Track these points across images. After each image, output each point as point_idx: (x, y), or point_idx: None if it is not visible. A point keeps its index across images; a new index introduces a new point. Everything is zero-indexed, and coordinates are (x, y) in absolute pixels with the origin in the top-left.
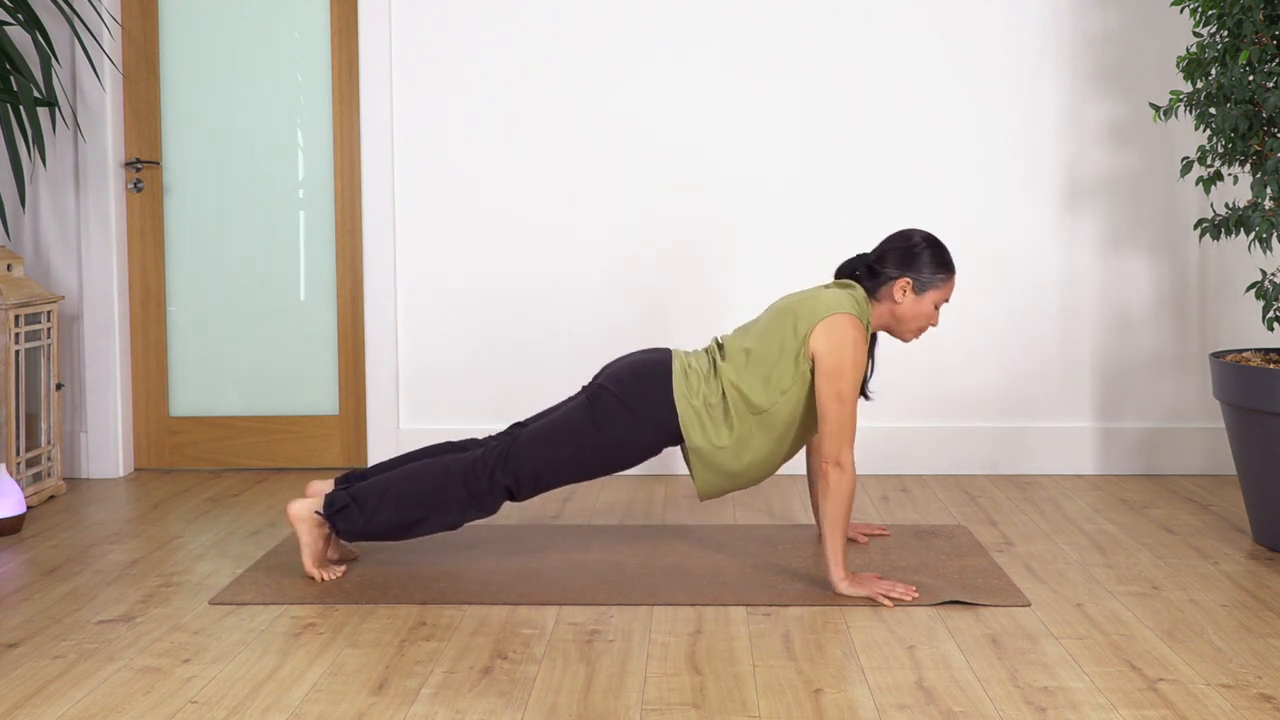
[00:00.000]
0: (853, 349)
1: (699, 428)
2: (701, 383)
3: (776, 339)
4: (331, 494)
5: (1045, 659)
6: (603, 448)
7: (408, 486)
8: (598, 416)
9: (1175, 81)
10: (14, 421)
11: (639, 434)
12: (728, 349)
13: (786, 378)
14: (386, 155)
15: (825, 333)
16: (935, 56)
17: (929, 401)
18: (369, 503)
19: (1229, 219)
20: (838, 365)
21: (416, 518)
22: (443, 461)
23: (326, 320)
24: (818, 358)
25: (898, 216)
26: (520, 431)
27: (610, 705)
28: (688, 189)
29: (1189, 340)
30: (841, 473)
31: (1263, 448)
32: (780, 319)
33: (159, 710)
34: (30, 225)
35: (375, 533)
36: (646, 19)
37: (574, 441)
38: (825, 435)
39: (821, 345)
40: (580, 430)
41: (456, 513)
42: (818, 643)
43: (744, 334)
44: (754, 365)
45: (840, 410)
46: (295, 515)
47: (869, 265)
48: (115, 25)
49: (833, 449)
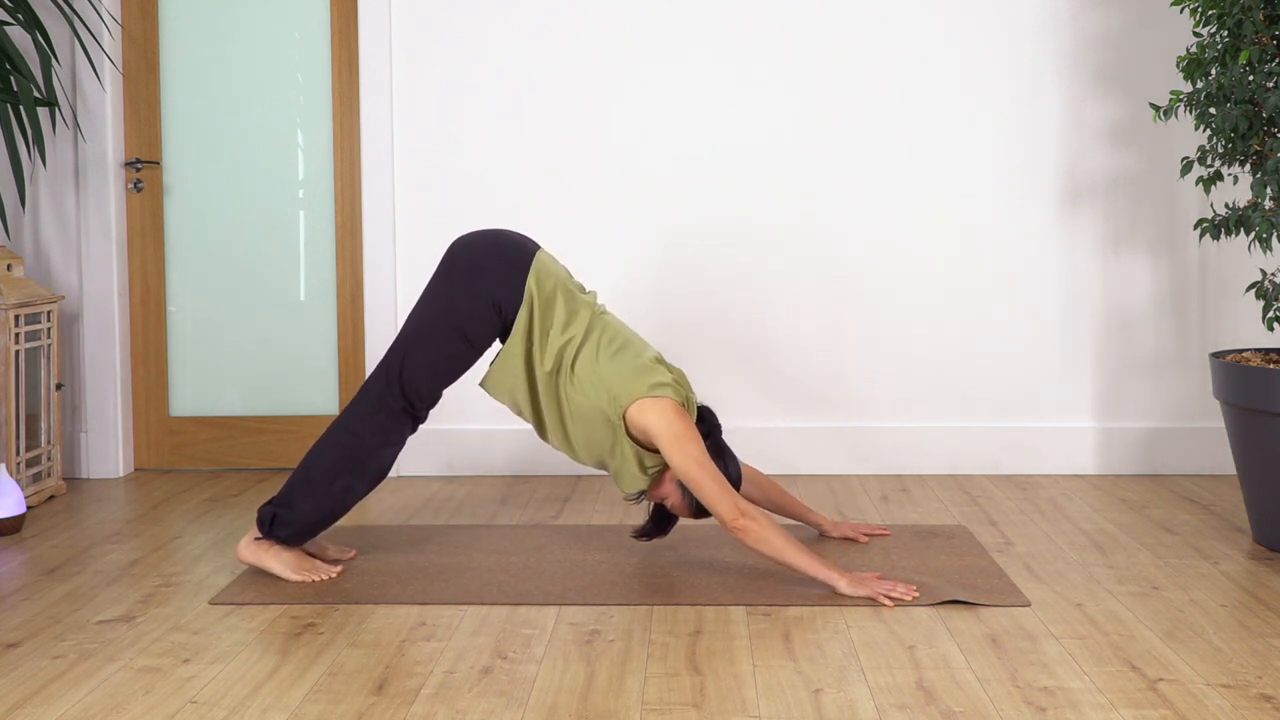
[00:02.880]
0: (683, 419)
1: (526, 322)
2: (559, 302)
3: (610, 378)
4: (259, 514)
5: (1045, 659)
6: (453, 332)
7: (318, 465)
8: (440, 297)
9: (1175, 81)
10: (14, 421)
11: (480, 308)
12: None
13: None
14: (386, 155)
15: (653, 407)
16: (935, 56)
17: (929, 401)
18: (293, 500)
19: (1229, 219)
20: (679, 431)
21: (342, 487)
22: (335, 425)
23: (326, 320)
24: (652, 430)
25: (898, 216)
26: (391, 349)
27: (610, 705)
28: (688, 189)
29: (1189, 340)
30: (752, 520)
31: (1263, 448)
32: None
33: (159, 710)
34: (30, 225)
35: (314, 522)
36: (647, 19)
37: (428, 336)
38: (713, 502)
39: (652, 420)
40: (429, 323)
41: (374, 458)
42: (818, 643)
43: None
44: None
45: (704, 473)
46: (245, 555)
47: (714, 432)
48: (115, 25)
49: (728, 509)
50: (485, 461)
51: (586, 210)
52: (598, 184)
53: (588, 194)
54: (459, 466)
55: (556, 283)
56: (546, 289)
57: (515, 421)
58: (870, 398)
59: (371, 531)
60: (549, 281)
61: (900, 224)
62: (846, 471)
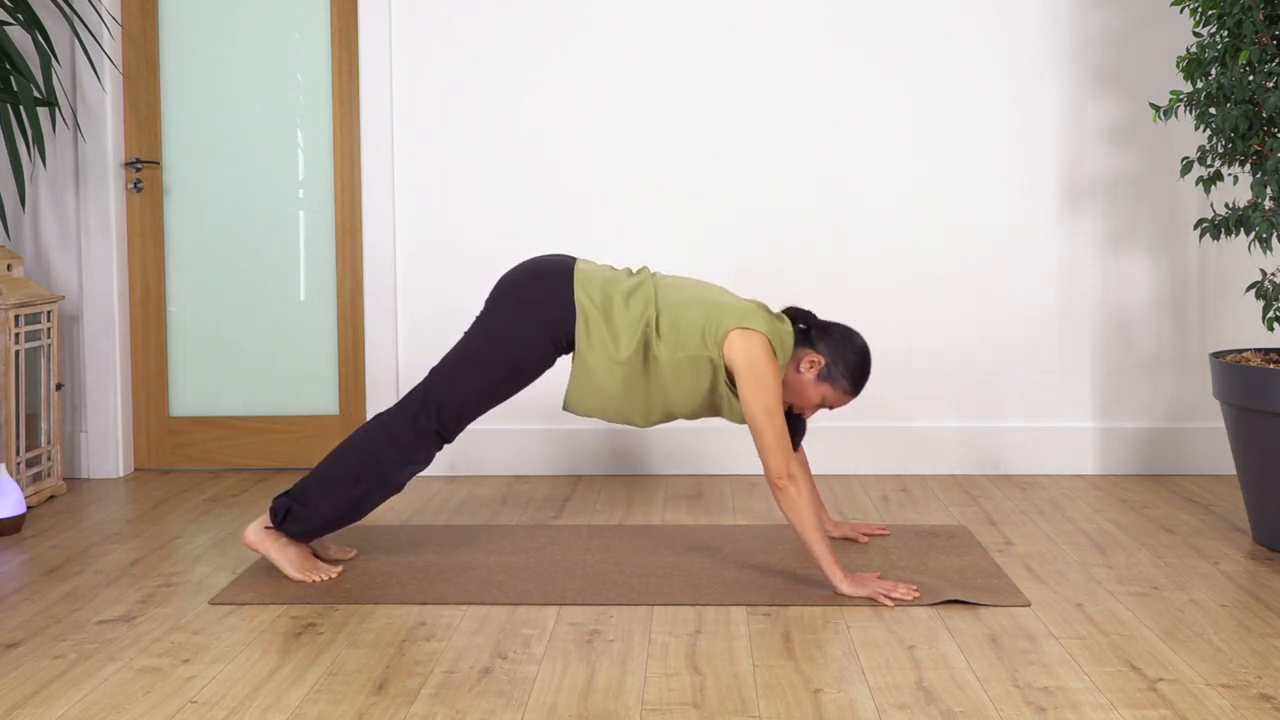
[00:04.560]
0: (770, 364)
1: (588, 331)
2: (616, 294)
3: (700, 315)
4: (273, 504)
5: (1045, 659)
6: (503, 361)
7: (340, 467)
8: (492, 329)
9: (1175, 81)
10: (14, 421)
11: (533, 336)
12: (662, 288)
13: (696, 345)
14: (386, 155)
15: (744, 342)
16: (935, 56)
17: (929, 401)
18: (309, 497)
19: (1229, 219)
20: (762, 375)
21: (360, 494)
22: (364, 431)
23: (326, 320)
24: (736, 367)
25: (898, 216)
26: (432, 372)
27: (610, 705)
28: (688, 189)
29: (1189, 340)
30: (796, 483)
31: (1263, 448)
32: (711, 302)
33: (159, 710)
34: (30, 225)
35: (327, 522)
36: (647, 18)
37: (477, 362)
38: (766, 453)
39: (739, 355)
40: (479, 349)
41: (396, 473)
42: (818, 643)
43: (679, 288)
44: (671, 316)
45: (772, 424)
46: (252, 540)
47: (808, 324)
48: (115, 25)
49: (779, 464)
50: (485, 461)
51: (586, 210)
52: (598, 184)
53: (588, 194)
54: (459, 466)
55: (603, 283)
56: (596, 295)
57: (515, 421)
58: (870, 398)
59: (371, 531)
60: (594, 286)
61: (900, 224)
62: (846, 471)
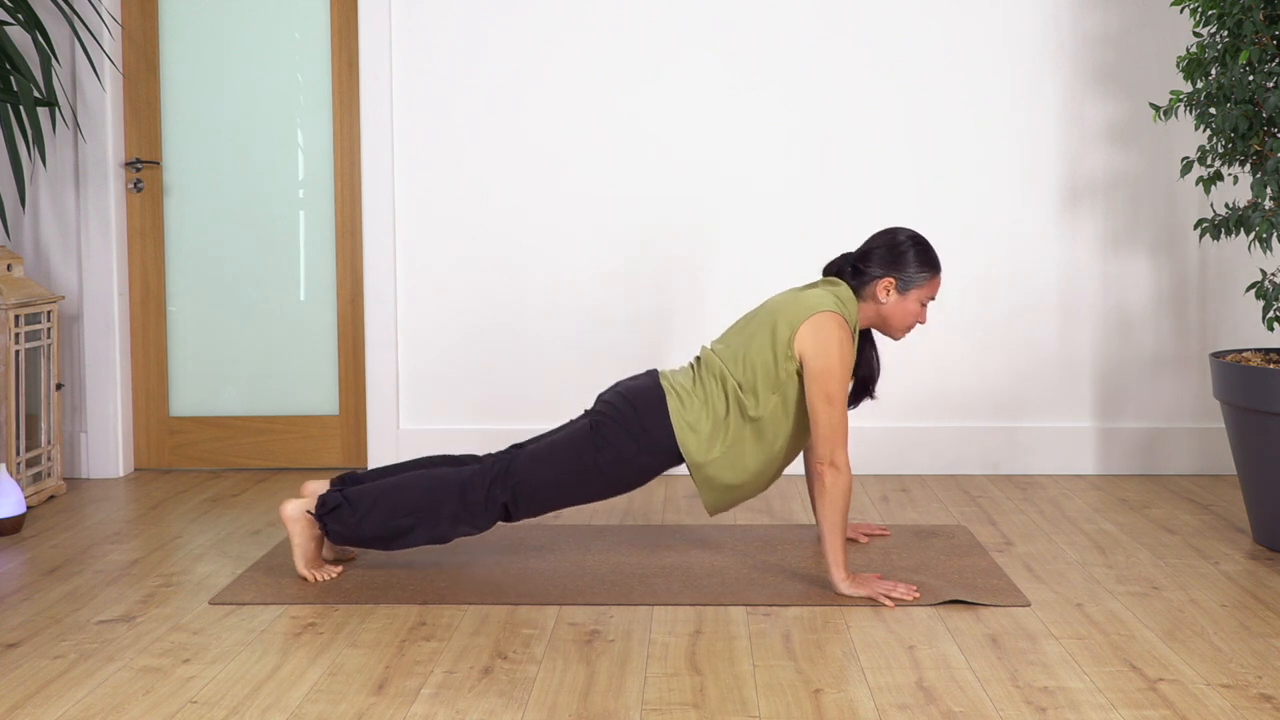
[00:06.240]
0: (839, 347)
1: (694, 444)
2: (693, 398)
3: (762, 342)
4: (325, 494)
5: (1045, 659)
6: (603, 467)
7: (401, 494)
8: (599, 440)
9: (1175, 81)
10: (14, 421)
11: (639, 455)
12: (721, 354)
13: (775, 380)
14: (386, 155)
15: (810, 332)
16: (935, 56)
17: (929, 401)
18: (361, 506)
19: (1229, 219)
20: (825, 365)
21: (406, 526)
22: (439, 473)
23: (326, 320)
24: (805, 359)
25: (898, 217)
26: (521, 450)
27: (610, 705)
28: (688, 190)
29: (1189, 340)
30: (837, 473)
31: (1263, 448)
32: (764, 321)
33: (159, 710)
34: (30, 225)
35: (364, 537)
36: (647, 19)
37: (576, 461)
38: (818, 437)
39: (808, 346)
40: (583, 450)
41: (447, 525)
42: (818, 643)
43: (732, 338)
44: (745, 369)
45: (830, 411)
46: (288, 515)
47: (854, 264)
48: (115, 25)
49: (826, 450)
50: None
51: (586, 210)
52: (598, 184)
53: (588, 194)
54: None
55: (682, 381)
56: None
57: (515, 421)
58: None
59: None
60: (680, 383)
61: (900, 224)
62: None
